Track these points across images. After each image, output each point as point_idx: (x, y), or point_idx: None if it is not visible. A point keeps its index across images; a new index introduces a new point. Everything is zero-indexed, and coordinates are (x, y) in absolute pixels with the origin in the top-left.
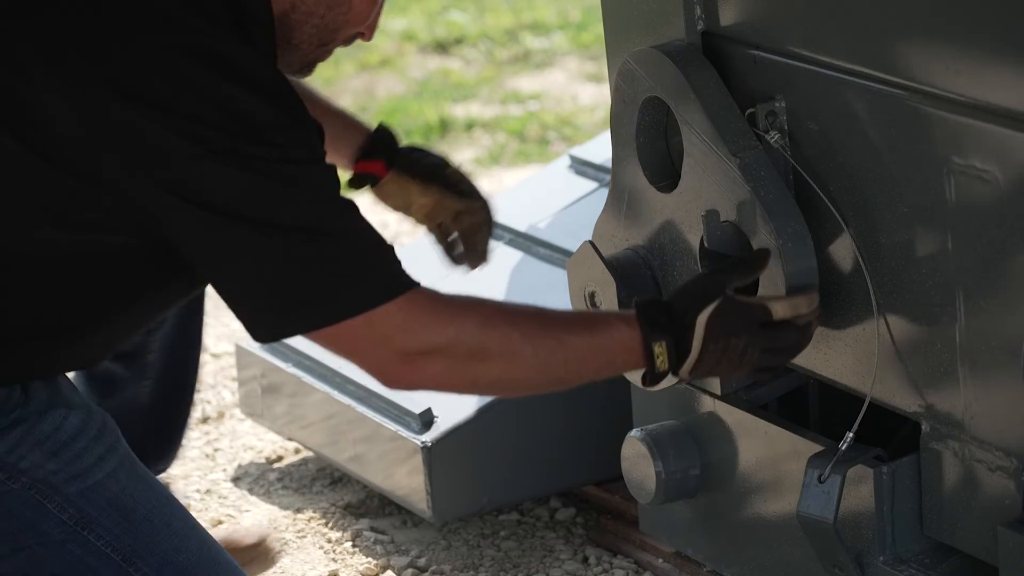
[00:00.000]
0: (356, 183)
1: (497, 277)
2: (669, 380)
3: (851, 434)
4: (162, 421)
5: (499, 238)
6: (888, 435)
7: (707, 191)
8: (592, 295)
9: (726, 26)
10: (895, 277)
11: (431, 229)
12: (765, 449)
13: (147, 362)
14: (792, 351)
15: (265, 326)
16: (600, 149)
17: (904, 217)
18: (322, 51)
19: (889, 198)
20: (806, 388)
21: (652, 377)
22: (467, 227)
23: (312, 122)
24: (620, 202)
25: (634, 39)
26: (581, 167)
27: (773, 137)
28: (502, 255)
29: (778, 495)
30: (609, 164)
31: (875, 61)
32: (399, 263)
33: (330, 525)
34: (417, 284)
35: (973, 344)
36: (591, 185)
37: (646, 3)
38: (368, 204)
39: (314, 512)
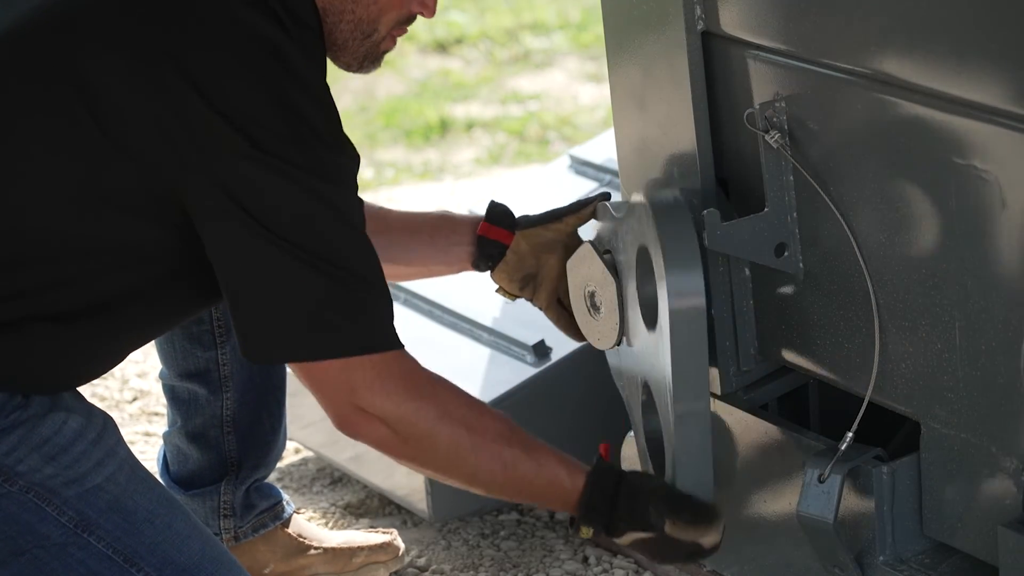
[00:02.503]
0: (482, 255)
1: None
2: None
3: (851, 434)
4: (255, 429)
5: None
6: (888, 435)
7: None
8: (592, 295)
9: (726, 26)
10: (895, 277)
11: (551, 305)
12: (765, 449)
13: (223, 375)
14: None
15: (253, 345)
16: (600, 149)
17: (904, 217)
18: (370, 43)
19: (889, 198)
20: (806, 388)
21: (572, 530)
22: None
23: (351, 145)
24: None
25: (634, 39)
26: (581, 167)
27: (773, 137)
28: None
29: (778, 495)
30: (609, 164)
31: (875, 61)
32: (393, 318)
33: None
34: (402, 346)
35: (973, 344)
36: (591, 185)
37: (646, 3)
38: None
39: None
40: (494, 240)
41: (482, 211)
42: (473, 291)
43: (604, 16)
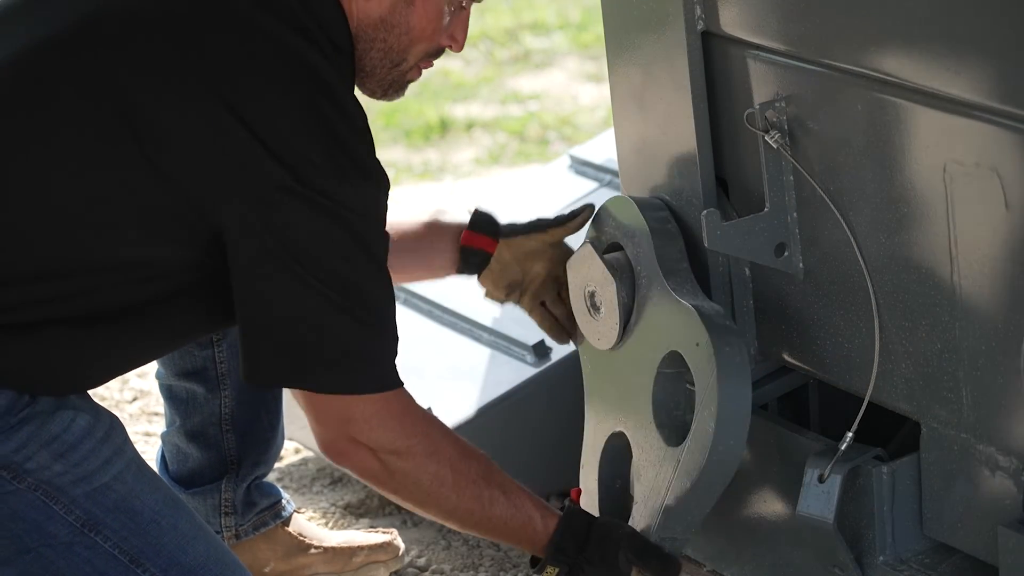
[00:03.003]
0: (466, 263)
1: None
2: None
3: (851, 434)
4: (253, 426)
5: None
6: (888, 435)
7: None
8: (592, 295)
9: (726, 26)
10: (895, 277)
11: (535, 308)
12: (765, 449)
13: (220, 374)
14: None
15: (260, 369)
16: (600, 149)
17: (904, 217)
18: (398, 72)
19: (889, 198)
20: (806, 388)
21: (535, 571)
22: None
23: (383, 172)
24: None
25: (634, 39)
26: (581, 167)
27: (773, 137)
28: None
29: (778, 495)
30: (609, 164)
31: (875, 61)
32: (396, 356)
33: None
34: (402, 383)
35: (973, 344)
36: (591, 185)
37: (646, 3)
38: None
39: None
40: (478, 249)
41: (476, 212)
42: (473, 291)
43: (604, 16)
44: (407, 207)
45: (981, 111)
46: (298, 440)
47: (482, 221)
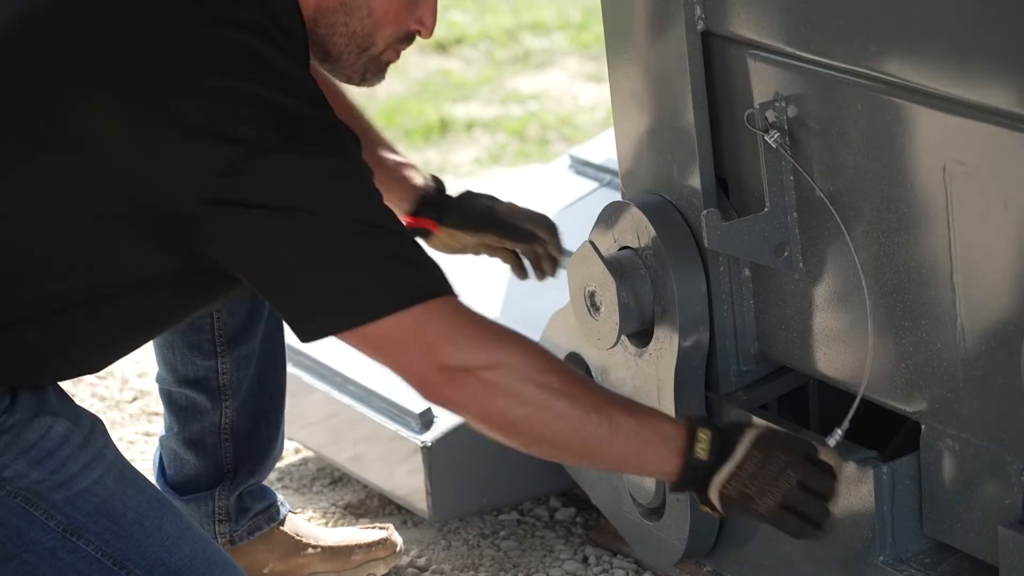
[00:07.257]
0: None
1: (498, 277)
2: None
3: (840, 430)
4: (252, 438)
5: None
6: (888, 435)
7: None
8: (592, 295)
9: (726, 26)
10: (894, 277)
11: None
12: None
13: (221, 385)
14: (822, 504)
15: (311, 322)
16: (600, 149)
17: (903, 217)
18: (368, 56)
19: (888, 198)
20: (806, 388)
21: (686, 469)
22: (532, 256)
23: (348, 129)
24: None
25: (634, 39)
26: (581, 167)
27: (773, 137)
28: None
29: None
30: (609, 164)
31: (874, 61)
32: (442, 269)
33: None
34: (459, 294)
35: (972, 344)
36: (591, 185)
37: (646, 3)
38: None
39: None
40: (420, 228)
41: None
42: (472, 290)
43: (604, 16)
44: None
45: (981, 111)
46: (298, 440)
47: (428, 204)
